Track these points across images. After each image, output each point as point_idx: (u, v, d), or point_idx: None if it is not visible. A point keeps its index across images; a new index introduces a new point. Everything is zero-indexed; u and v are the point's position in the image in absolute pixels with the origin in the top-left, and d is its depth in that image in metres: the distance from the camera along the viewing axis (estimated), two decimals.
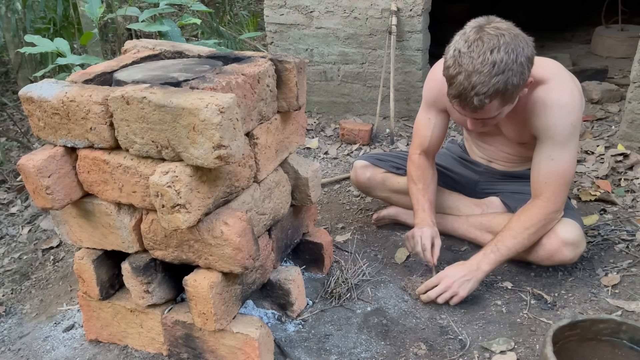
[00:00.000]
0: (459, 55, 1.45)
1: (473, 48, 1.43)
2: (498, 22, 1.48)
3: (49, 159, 1.36)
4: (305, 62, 1.57)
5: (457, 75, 1.46)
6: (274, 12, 3.28)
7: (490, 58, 1.41)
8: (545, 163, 1.65)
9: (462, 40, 1.47)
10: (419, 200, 1.89)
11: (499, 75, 1.41)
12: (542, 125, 1.62)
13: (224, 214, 1.34)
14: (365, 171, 2.09)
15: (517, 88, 1.47)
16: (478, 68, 1.42)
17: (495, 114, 1.54)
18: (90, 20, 2.47)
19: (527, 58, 1.45)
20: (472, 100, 1.45)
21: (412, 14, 2.98)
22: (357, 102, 3.36)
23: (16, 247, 2.35)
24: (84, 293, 1.61)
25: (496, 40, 1.42)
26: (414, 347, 1.58)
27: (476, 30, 1.46)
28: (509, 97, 1.48)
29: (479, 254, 1.72)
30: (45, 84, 1.40)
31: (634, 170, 2.45)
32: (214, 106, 1.16)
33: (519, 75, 1.44)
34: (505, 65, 1.41)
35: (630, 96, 2.57)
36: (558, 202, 1.67)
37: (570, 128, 1.60)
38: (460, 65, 1.45)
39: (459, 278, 1.68)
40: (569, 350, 1.34)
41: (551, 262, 1.75)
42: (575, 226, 1.72)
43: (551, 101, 1.59)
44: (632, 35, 3.86)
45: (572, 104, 1.59)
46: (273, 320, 1.70)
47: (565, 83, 1.61)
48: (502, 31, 1.44)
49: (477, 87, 1.43)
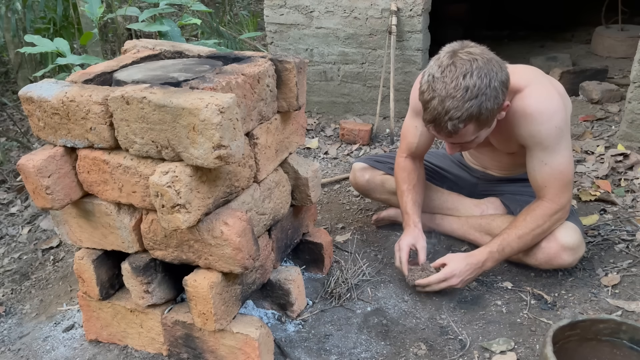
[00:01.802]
0: (433, 80, 1.46)
1: (446, 73, 1.44)
2: (471, 47, 1.48)
3: (49, 159, 1.36)
4: (305, 62, 1.57)
5: (431, 100, 1.46)
6: (274, 12, 3.28)
7: (463, 83, 1.42)
8: (540, 169, 1.65)
9: (436, 65, 1.48)
10: (403, 201, 1.89)
11: (473, 100, 1.42)
12: (526, 134, 1.62)
13: (224, 214, 1.34)
14: (364, 173, 2.09)
15: (492, 112, 1.47)
16: (451, 93, 1.42)
17: (472, 138, 1.54)
18: (90, 20, 2.47)
19: (500, 82, 1.45)
20: (446, 125, 1.46)
21: (412, 14, 2.98)
22: (357, 102, 3.36)
23: (16, 247, 2.35)
24: (84, 293, 1.61)
25: (469, 65, 1.42)
26: (414, 347, 1.58)
27: (449, 55, 1.47)
28: (485, 121, 1.48)
29: (483, 250, 1.71)
30: (45, 84, 1.40)
31: (634, 170, 2.45)
32: (214, 106, 1.16)
33: (493, 100, 1.44)
34: (479, 90, 1.42)
35: (630, 96, 2.57)
36: (562, 201, 1.66)
37: (556, 131, 1.58)
38: (433, 90, 1.46)
39: (465, 277, 1.68)
40: (569, 350, 1.34)
41: (550, 266, 1.75)
42: (575, 230, 1.71)
43: (529, 109, 1.58)
44: (632, 35, 3.86)
45: (551, 107, 1.57)
46: (273, 320, 1.70)
47: (540, 88, 1.60)
48: (475, 56, 1.44)
49: (451, 111, 1.43)
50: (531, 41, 4.47)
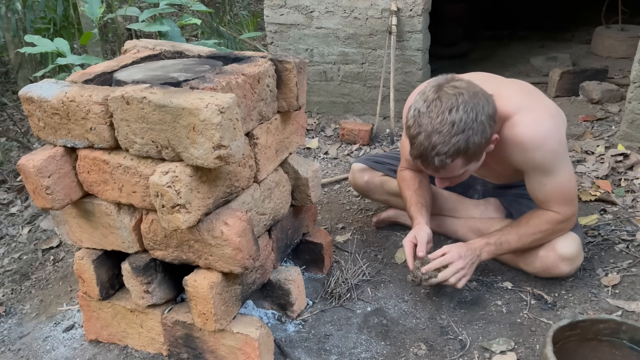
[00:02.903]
0: (419, 115, 1.45)
1: (432, 108, 1.43)
2: (457, 81, 1.46)
3: (49, 159, 1.36)
4: (305, 62, 1.57)
5: (417, 136, 1.45)
6: (274, 12, 3.28)
7: (449, 117, 1.40)
8: (540, 189, 1.64)
9: (421, 100, 1.46)
10: (407, 207, 1.87)
11: (459, 135, 1.41)
12: (519, 160, 1.60)
13: (224, 214, 1.34)
14: (363, 175, 2.08)
15: (480, 146, 1.46)
16: (437, 128, 1.41)
17: (461, 172, 1.53)
18: (90, 20, 2.47)
19: (487, 116, 1.44)
20: (434, 160, 1.45)
21: (412, 14, 2.98)
22: (357, 102, 3.36)
23: (16, 247, 2.35)
24: (84, 293, 1.61)
25: (454, 100, 1.41)
26: (414, 347, 1.58)
27: (435, 89, 1.45)
28: (473, 155, 1.47)
29: (480, 241, 1.70)
30: (45, 84, 1.40)
31: (634, 170, 2.45)
32: (214, 106, 1.16)
33: (480, 134, 1.43)
34: (465, 125, 1.40)
35: (631, 96, 2.57)
36: (567, 213, 1.65)
37: (550, 154, 1.56)
38: (419, 125, 1.45)
39: (468, 261, 1.65)
40: (569, 350, 1.34)
41: (547, 275, 1.75)
42: (575, 240, 1.70)
43: (519, 137, 1.54)
44: (632, 35, 3.86)
45: (542, 133, 1.54)
46: (273, 320, 1.70)
47: (529, 114, 1.55)
48: (461, 90, 1.43)
49: (438, 146, 1.42)
50: (531, 41, 4.47)
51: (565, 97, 3.34)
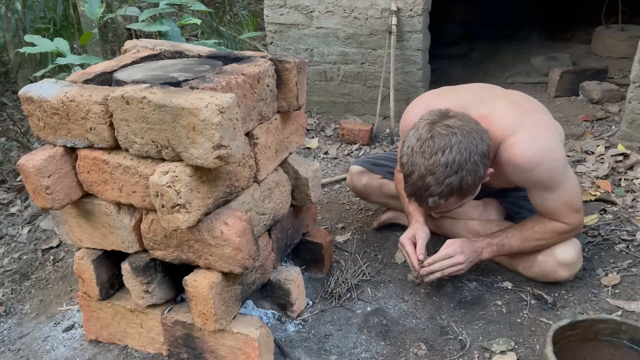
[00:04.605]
0: (412, 154, 1.45)
1: (424, 148, 1.43)
2: (450, 119, 1.45)
3: (48, 159, 1.36)
4: (305, 62, 1.57)
5: (411, 175, 1.46)
6: (274, 12, 3.28)
7: (442, 159, 1.40)
8: (542, 204, 1.63)
9: (414, 137, 1.46)
10: (405, 207, 1.87)
11: (453, 176, 1.41)
12: (519, 180, 1.60)
13: (224, 214, 1.34)
14: (361, 177, 2.08)
15: (474, 184, 1.46)
16: (431, 169, 1.42)
17: (456, 206, 1.55)
18: (90, 20, 2.47)
19: (481, 155, 1.43)
20: (427, 200, 1.46)
21: (412, 13, 2.98)
22: (357, 102, 3.36)
23: (16, 247, 2.35)
24: (83, 293, 1.61)
25: (447, 140, 1.41)
26: (414, 347, 1.58)
27: (428, 128, 1.45)
28: (466, 192, 1.48)
29: (483, 240, 1.70)
30: (45, 84, 1.40)
31: (634, 170, 2.45)
32: (213, 106, 1.16)
33: (473, 174, 1.43)
34: (459, 166, 1.40)
35: (631, 96, 2.57)
36: (574, 223, 1.65)
37: (549, 172, 1.54)
38: (413, 165, 1.45)
39: (468, 257, 1.65)
40: (569, 350, 1.34)
41: (545, 280, 1.74)
42: (574, 246, 1.69)
43: (516, 159, 1.53)
44: (632, 35, 3.86)
45: (538, 152, 1.52)
46: (273, 320, 1.70)
47: (524, 135, 1.53)
48: (454, 129, 1.42)
49: (431, 187, 1.43)
50: (531, 41, 4.47)
51: (565, 97, 3.34)
